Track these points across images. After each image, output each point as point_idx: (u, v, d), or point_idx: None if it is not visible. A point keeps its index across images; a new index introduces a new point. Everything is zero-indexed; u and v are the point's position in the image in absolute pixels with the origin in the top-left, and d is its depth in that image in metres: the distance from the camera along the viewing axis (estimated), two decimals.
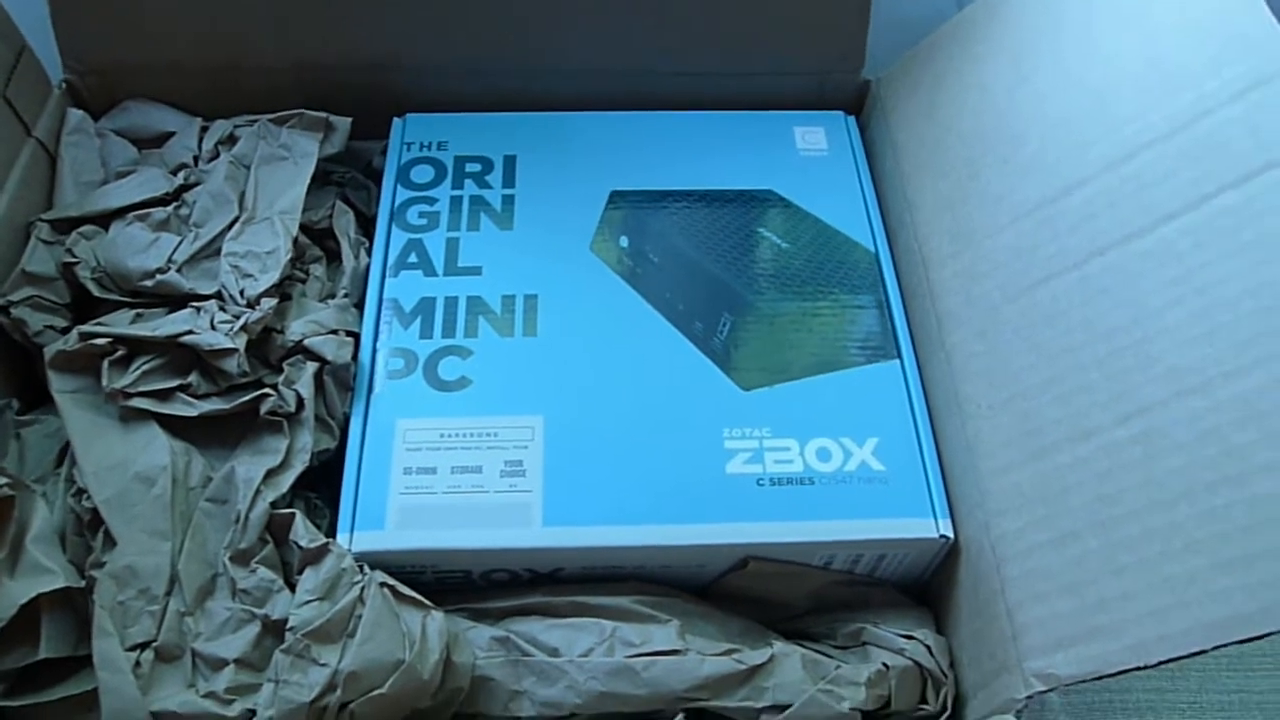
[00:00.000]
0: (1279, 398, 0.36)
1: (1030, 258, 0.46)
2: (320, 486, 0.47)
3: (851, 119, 0.60)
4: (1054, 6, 0.51)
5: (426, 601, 0.43)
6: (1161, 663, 0.37)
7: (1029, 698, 0.40)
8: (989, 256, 0.48)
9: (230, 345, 0.46)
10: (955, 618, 0.46)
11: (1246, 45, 0.42)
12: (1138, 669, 0.37)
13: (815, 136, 0.58)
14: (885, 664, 0.44)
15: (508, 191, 0.55)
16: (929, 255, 0.51)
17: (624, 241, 0.54)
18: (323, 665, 0.39)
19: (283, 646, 0.39)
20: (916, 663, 0.45)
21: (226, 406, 0.46)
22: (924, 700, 0.45)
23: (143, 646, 0.40)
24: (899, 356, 0.50)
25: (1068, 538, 0.41)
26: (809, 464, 0.47)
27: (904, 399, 0.49)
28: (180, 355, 0.46)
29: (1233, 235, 0.40)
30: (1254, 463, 0.36)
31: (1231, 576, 0.36)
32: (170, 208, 0.52)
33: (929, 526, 0.45)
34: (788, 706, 0.42)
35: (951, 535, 0.45)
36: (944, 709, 0.44)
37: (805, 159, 0.58)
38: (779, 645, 0.44)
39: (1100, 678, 0.38)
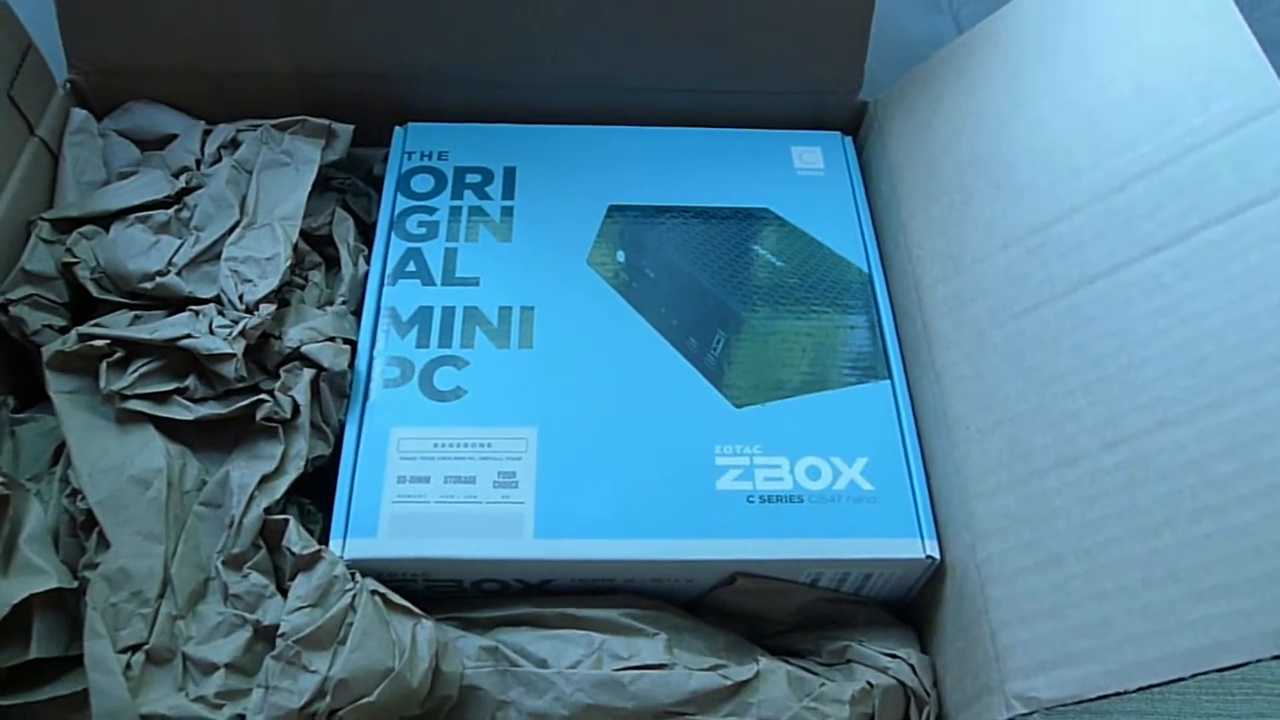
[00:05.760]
0: (1260, 430, 0.37)
1: (1021, 284, 0.47)
2: (314, 493, 0.48)
3: (849, 140, 0.61)
4: (1050, 34, 0.51)
5: (417, 610, 0.43)
6: (1141, 689, 0.37)
7: None
8: (980, 281, 0.49)
9: (228, 350, 0.46)
10: (940, 638, 0.47)
11: (1235, 78, 0.43)
12: (1117, 694, 0.38)
13: (812, 156, 0.59)
14: (870, 682, 0.45)
15: (507, 203, 0.56)
16: (921, 277, 0.52)
17: (621, 256, 0.54)
18: (313, 672, 0.39)
19: (274, 652, 0.40)
20: (900, 682, 0.45)
21: (223, 411, 0.46)
22: (907, 719, 0.45)
23: (134, 649, 0.40)
24: (890, 377, 0.51)
25: (1052, 562, 0.41)
26: (798, 482, 0.47)
27: (894, 420, 0.50)
28: (178, 359, 0.47)
29: (1219, 269, 0.40)
30: (1235, 493, 0.37)
31: (1211, 605, 0.36)
32: (171, 210, 0.53)
33: (916, 547, 0.46)
34: None
35: (938, 556, 0.46)
36: None
37: (802, 178, 0.58)
38: (765, 661, 0.45)
39: (1080, 702, 0.39)
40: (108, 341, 0.46)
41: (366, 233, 0.56)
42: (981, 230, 0.50)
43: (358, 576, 0.43)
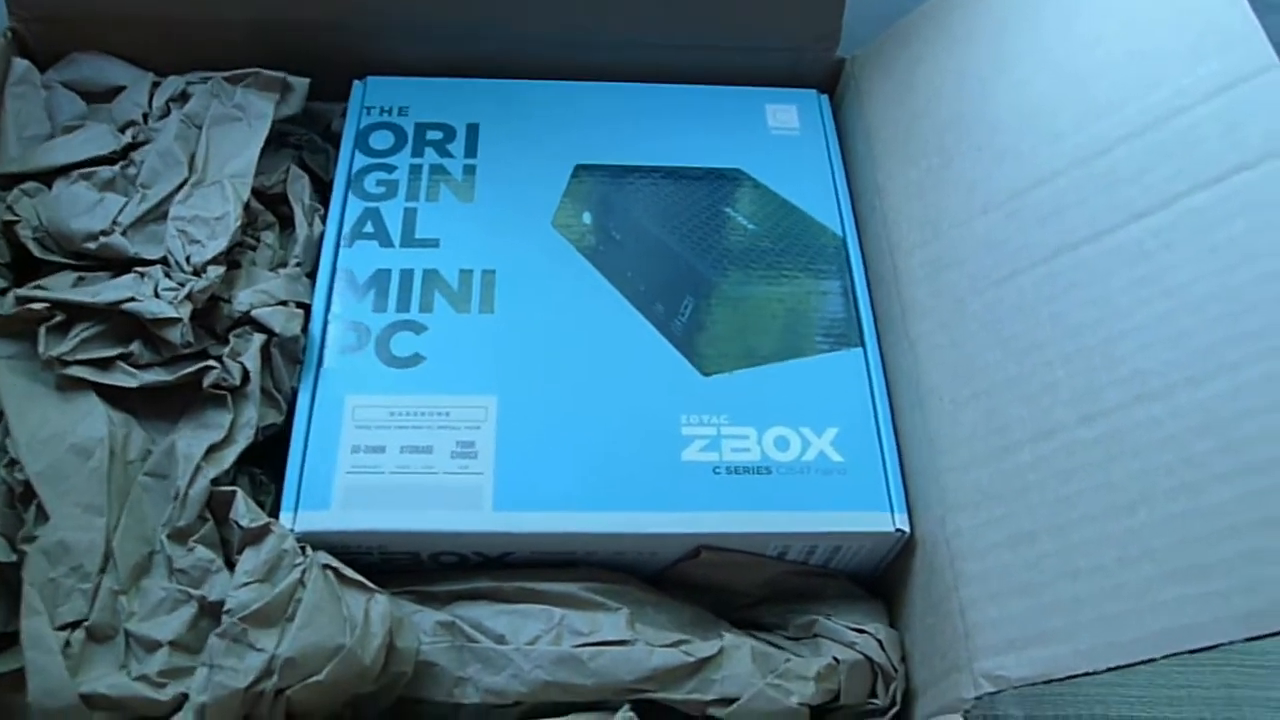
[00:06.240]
0: (1239, 406, 0.36)
1: (999, 250, 0.45)
2: (266, 462, 0.46)
3: (825, 98, 0.59)
4: None
5: (370, 584, 0.42)
6: (1111, 669, 0.36)
7: (977, 699, 0.40)
8: (957, 247, 0.47)
9: (174, 314, 0.44)
10: (909, 613, 0.46)
11: (1226, 39, 0.41)
12: (1087, 674, 0.37)
13: (787, 115, 0.57)
14: (836, 658, 0.44)
15: (469, 161, 0.54)
16: (897, 243, 0.50)
17: (587, 217, 0.52)
18: (259, 650, 0.38)
19: (218, 630, 0.38)
20: (867, 657, 0.44)
21: (169, 378, 0.44)
22: (873, 694, 0.44)
23: (73, 626, 0.39)
24: (862, 345, 0.49)
25: (1025, 538, 0.40)
26: (766, 453, 0.46)
27: (865, 389, 0.48)
28: (122, 323, 0.45)
29: (1202, 237, 0.39)
30: (1211, 471, 0.36)
31: (1184, 586, 0.35)
32: (117, 167, 0.50)
33: (885, 520, 0.45)
34: (736, 699, 0.42)
35: (908, 530, 0.45)
36: (893, 704, 0.44)
37: (776, 138, 0.56)
38: (729, 637, 0.44)
39: (1049, 681, 0.38)
40: (48, 305, 0.45)
41: (324, 191, 0.54)
42: (961, 194, 0.48)
43: (308, 550, 0.41)
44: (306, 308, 0.48)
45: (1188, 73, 0.42)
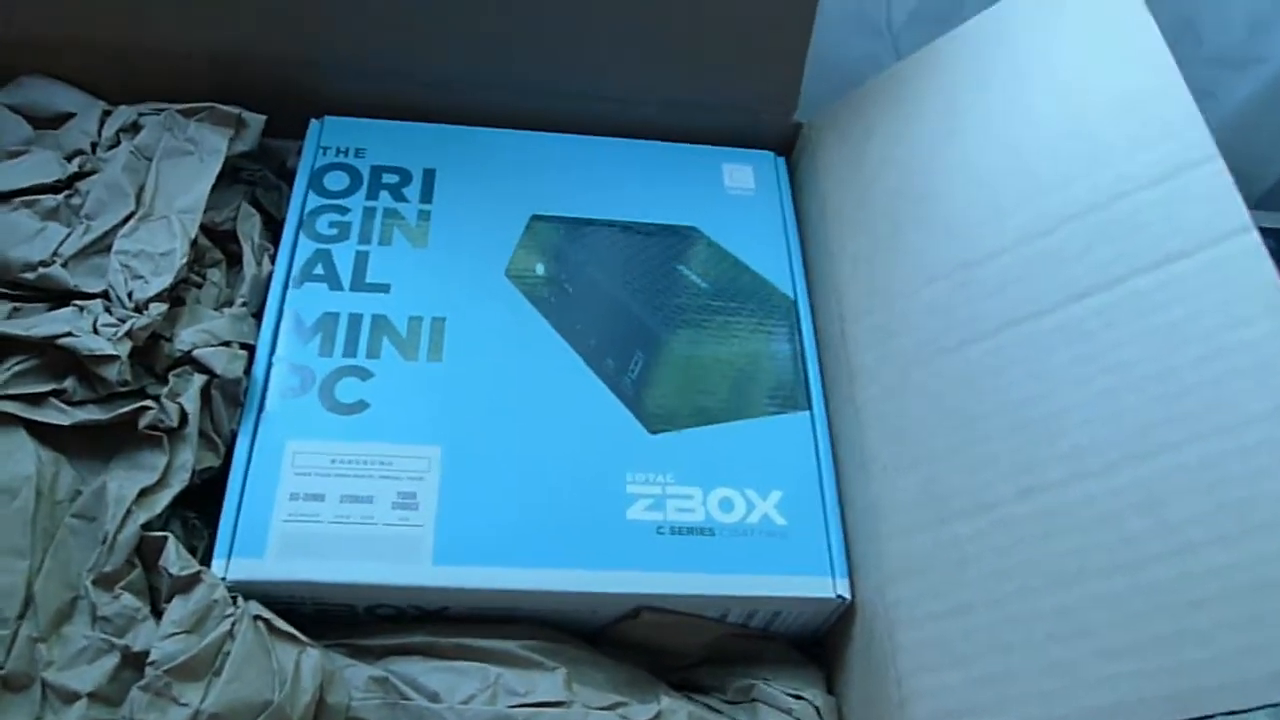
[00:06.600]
0: (1176, 484, 0.37)
1: (945, 320, 0.46)
2: (200, 506, 0.45)
3: (781, 160, 0.59)
4: (984, 67, 0.51)
5: (303, 637, 0.41)
6: None
7: None
8: (904, 315, 0.48)
9: (112, 352, 0.43)
10: (847, 679, 0.46)
11: (1167, 128, 0.42)
12: None
13: (743, 175, 0.58)
14: None
15: (424, 206, 0.54)
16: (846, 309, 0.51)
17: (540, 268, 0.52)
18: (183, 705, 0.37)
19: (141, 683, 0.37)
20: None
21: (103, 417, 0.43)
22: None
23: None
24: (810, 408, 0.50)
25: (961, 609, 0.41)
26: (710, 514, 0.46)
27: (811, 453, 0.48)
28: (57, 357, 0.44)
29: (1143, 319, 0.40)
30: (1147, 551, 0.36)
31: (1118, 663, 0.36)
32: (61, 196, 0.49)
33: (826, 586, 0.45)
34: None
35: (849, 596, 0.45)
36: None
37: (731, 197, 0.57)
38: (666, 700, 0.43)
39: None
40: None
41: (277, 229, 0.53)
42: (909, 264, 0.49)
43: (240, 600, 0.40)
44: (250, 349, 0.47)
45: (1130, 158, 0.43)
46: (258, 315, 0.49)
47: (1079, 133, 0.45)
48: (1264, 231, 0.38)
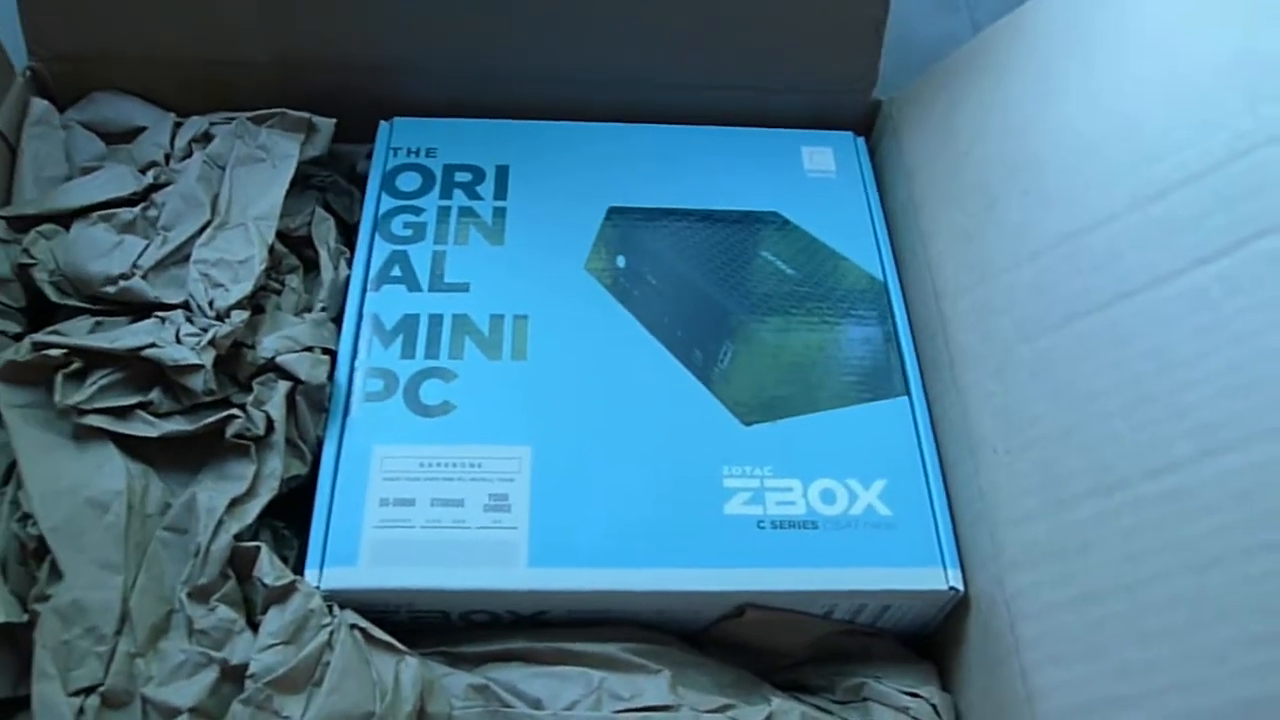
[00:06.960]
0: None
1: (1051, 296, 0.44)
2: (290, 514, 0.44)
3: (861, 140, 0.57)
4: (1082, 30, 0.48)
5: (400, 646, 0.40)
6: None
7: None
8: (1007, 292, 0.46)
9: (196, 361, 0.42)
10: (963, 675, 0.44)
11: None
12: None
13: (823, 157, 0.56)
14: None
15: (499, 204, 0.52)
16: (942, 287, 0.49)
17: (621, 261, 0.51)
18: (285, 718, 0.36)
19: (242, 696, 0.36)
20: None
21: (190, 427, 0.43)
22: None
23: (88, 691, 0.37)
24: (908, 394, 0.48)
25: (1088, 598, 0.38)
26: (812, 506, 0.44)
27: (913, 439, 0.46)
28: (142, 370, 0.43)
29: (1270, 283, 0.37)
30: None
31: (1268, 651, 0.33)
32: (138, 208, 0.49)
33: (938, 577, 0.43)
34: None
35: (962, 588, 0.43)
36: None
37: (812, 180, 0.55)
38: (777, 701, 0.41)
39: None
40: (64, 351, 0.43)
41: (348, 234, 0.53)
42: (1008, 237, 0.46)
43: (335, 610, 0.39)
44: (332, 354, 0.46)
45: (1247, 114, 0.40)
46: (337, 320, 0.48)
47: (1189, 91, 0.43)
48: None
